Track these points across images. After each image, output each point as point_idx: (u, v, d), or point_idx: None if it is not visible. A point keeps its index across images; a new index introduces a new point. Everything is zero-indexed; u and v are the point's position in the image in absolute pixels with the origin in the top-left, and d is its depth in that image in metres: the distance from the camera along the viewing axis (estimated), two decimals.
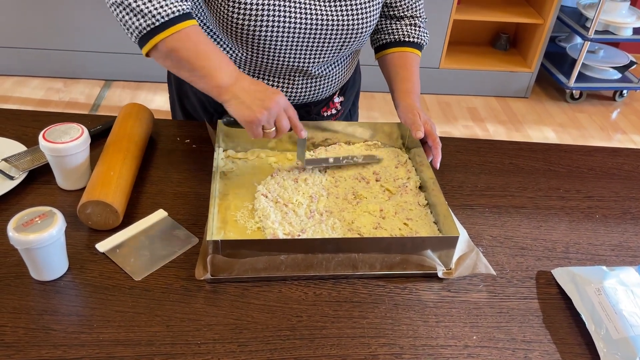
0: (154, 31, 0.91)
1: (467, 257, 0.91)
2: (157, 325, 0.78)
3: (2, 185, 0.97)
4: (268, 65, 1.08)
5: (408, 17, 1.20)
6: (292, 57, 1.06)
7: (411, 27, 1.19)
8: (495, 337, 0.82)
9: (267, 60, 1.07)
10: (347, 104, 1.32)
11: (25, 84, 3.00)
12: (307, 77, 1.12)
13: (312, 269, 0.87)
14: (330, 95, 1.23)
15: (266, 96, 0.92)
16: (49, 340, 0.75)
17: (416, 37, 1.19)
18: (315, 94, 1.17)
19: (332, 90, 1.20)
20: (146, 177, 1.05)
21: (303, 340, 0.78)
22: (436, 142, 1.05)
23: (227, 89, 0.92)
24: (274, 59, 1.06)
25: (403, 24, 1.19)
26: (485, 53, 3.44)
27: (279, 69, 1.09)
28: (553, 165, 1.21)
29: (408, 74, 1.15)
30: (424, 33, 1.21)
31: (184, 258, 0.89)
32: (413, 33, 1.19)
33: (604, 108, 3.39)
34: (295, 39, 1.03)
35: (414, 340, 0.80)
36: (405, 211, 0.98)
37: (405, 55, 1.18)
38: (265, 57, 1.06)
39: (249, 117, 0.91)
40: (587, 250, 0.99)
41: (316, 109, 1.23)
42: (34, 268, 0.82)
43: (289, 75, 1.11)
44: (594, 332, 0.82)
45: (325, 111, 1.25)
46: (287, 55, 1.06)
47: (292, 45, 1.04)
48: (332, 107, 1.26)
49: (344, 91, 1.28)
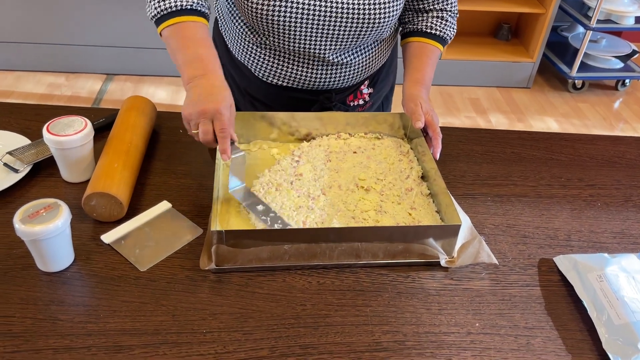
0: (162, 18, 1.01)
1: (470, 244, 0.92)
2: (163, 315, 0.79)
3: (7, 178, 0.98)
4: (286, 48, 1.10)
5: (437, 10, 1.18)
6: (307, 42, 1.07)
7: (437, 20, 1.17)
8: (497, 324, 0.82)
9: (285, 44, 1.08)
10: (378, 97, 1.32)
11: (27, 79, 3.01)
12: (324, 63, 1.13)
13: (316, 258, 0.87)
14: (355, 84, 1.22)
15: (209, 100, 0.91)
16: (56, 330, 0.76)
17: (439, 30, 1.17)
18: (335, 81, 1.17)
19: (355, 79, 1.20)
20: (150, 169, 1.06)
21: (307, 328, 0.79)
22: (436, 133, 1.05)
23: (186, 83, 0.96)
24: (289, 42, 1.07)
25: (430, 17, 1.18)
26: (487, 43, 3.43)
27: (296, 53, 1.10)
28: (555, 154, 1.22)
29: (421, 65, 1.15)
30: (450, 27, 1.19)
31: (188, 249, 0.90)
32: (437, 26, 1.17)
33: (606, 97, 3.38)
34: (309, 23, 1.03)
35: (417, 327, 0.81)
36: (408, 201, 0.98)
37: (422, 45, 1.17)
38: (282, 40, 1.07)
39: (182, 111, 0.94)
40: (589, 238, 0.99)
41: (339, 97, 1.22)
42: (40, 259, 0.83)
43: (307, 60, 1.12)
44: (595, 319, 0.82)
45: (351, 100, 1.25)
46: (302, 40, 1.07)
47: (305, 30, 1.05)
48: (360, 97, 1.26)
49: (375, 83, 1.28)
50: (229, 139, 0.91)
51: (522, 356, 0.78)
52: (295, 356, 0.75)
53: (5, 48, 3.00)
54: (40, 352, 0.73)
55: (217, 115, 0.91)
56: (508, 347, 0.79)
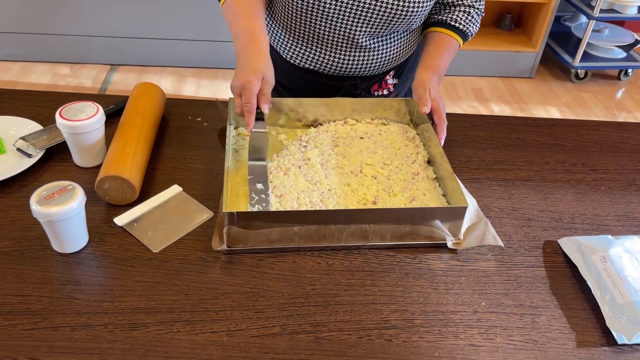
0: None
1: (476, 227, 0.93)
2: (177, 294, 0.81)
3: (21, 162, 1.00)
4: (316, 29, 1.11)
5: (466, 5, 1.18)
6: (339, 22, 1.08)
7: (463, 14, 1.18)
8: (503, 303, 0.84)
9: (316, 25, 1.10)
10: (403, 88, 1.33)
11: (31, 70, 3.02)
12: (354, 47, 1.14)
13: (325, 239, 0.89)
14: (381, 72, 1.23)
15: (238, 75, 0.96)
16: (73, 308, 0.78)
17: (462, 25, 1.17)
18: (363, 68, 1.18)
19: (382, 67, 1.21)
20: (160, 154, 1.08)
21: (317, 307, 0.81)
22: (441, 120, 1.06)
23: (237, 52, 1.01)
24: (321, 22, 1.09)
25: (457, 10, 1.18)
26: (490, 33, 3.43)
27: (326, 34, 1.12)
28: (559, 139, 1.23)
29: (437, 53, 1.15)
30: (474, 24, 1.19)
31: (199, 231, 0.91)
32: (462, 20, 1.17)
33: (609, 87, 3.38)
34: (344, 2, 1.05)
35: (425, 306, 0.82)
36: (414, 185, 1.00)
37: (443, 36, 1.18)
38: (314, 20, 1.09)
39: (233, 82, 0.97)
40: (593, 221, 1.01)
41: (365, 84, 1.24)
42: (56, 240, 0.84)
43: (336, 42, 1.13)
44: (599, 298, 0.84)
45: (376, 90, 1.26)
46: (334, 20, 1.08)
47: (339, 9, 1.06)
48: (385, 87, 1.27)
49: (400, 74, 1.29)
50: (253, 113, 0.94)
51: (527, 334, 0.80)
52: (305, 333, 0.77)
53: (10, 39, 3.01)
54: (57, 329, 0.75)
55: (243, 89, 0.95)
56: (514, 325, 0.81)
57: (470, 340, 0.78)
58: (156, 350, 0.73)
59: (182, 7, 2.96)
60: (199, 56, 3.11)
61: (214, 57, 3.11)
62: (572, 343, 0.79)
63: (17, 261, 0.84)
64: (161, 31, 3.03)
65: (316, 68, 1.19)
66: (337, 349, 0.76)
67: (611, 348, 0.79)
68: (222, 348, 0.74)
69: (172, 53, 3.10)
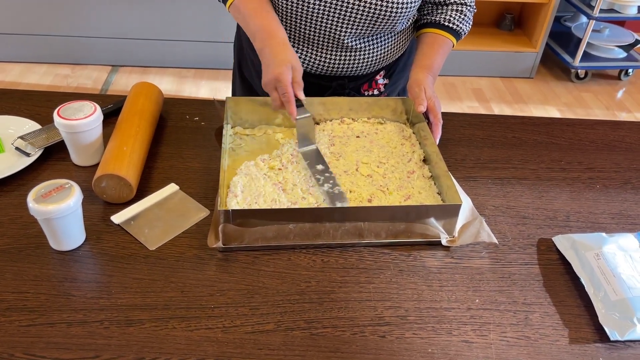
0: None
1: (471, 224, 0.94)
2: (172, 291, 0.82)
3: (19, 161, 1.01)
4: (302, 29, 1.12)
5: (457, 3, 1.19)
6: (324, 22, 1.09)
7: (456, 13, 1.18)
8: (497, 300, 0.85)
9: (301, 24, 1.11)
10: (394, 89, 1.33)
11: (32, 71, 3.03)
12: (339, 47, 1.14)
13: (320, 237, 0.90)
14: (370, 73, 1.24)
15: (267, 72, 1.00)
16: (69, 305, 0.79)
17: (454, 24, 1.17)
18: (350, 68, 1.19)
19: (369, 68, 1.21)
20: (157, 153, 1.08)
21: (312, 303, 0.81)
22: (437, 119, 1.07)
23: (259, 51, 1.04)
24: (306, 22, 1.10)
25: (449, 10, 1.18)
26: (490, 33, 3.44)
27: (311, 34, 1.12)
28: (555, 138, 1.23)
29: (431, 52, 1.16)
30: (467, 22, 1.19)
31: (196, 229, 0.92)
32: (454, 19, 1.17)
33: (609, 87, 3.38)
34: (328, 2, 1.06)
35: (419, 303, 0.83)
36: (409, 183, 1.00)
37: (436, 36, 1.18)
38: (299, 20, 1.10)
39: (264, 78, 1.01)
40: (588, 219, 1.01)
41: (353, 84, 1.24)
42: (53, 238, 0.85)
43: (322, 42, 1.14)
44: (592, 295, 0.84)
45: (366, 90, 1.27)
46: (319, 20, 1.09)
47: (324, 9, 1.07)
48: (375, 87, 1.27)
49: (391, 74, 1.29)
50: (293, 102, 0.98)
51: (520, 330, 0.80)
52: (300, 330, 0.78)
53: (11, 40, 3.02)
54: (54, 326, 0.76)
55: (277, 82, 0.98)
56: (507, 322, 0.81)
57: (463, 336, 0.79)
58: (151, 346, 0.74)
59: (183, 8, 2.97)
60: (199, 57, 3.12)
61: (214, 58, 3.12)
62: (565, 339, 0.80)
63: (14, 258, 0.85)
64: (162, 32, 3.05)
65: (303, 68, 1.19)
66: (331, 345, 0.76)
67: (604, 344, 0.79)
68: (216, 344, 0.75)
69: (173, 54, 3.11)
